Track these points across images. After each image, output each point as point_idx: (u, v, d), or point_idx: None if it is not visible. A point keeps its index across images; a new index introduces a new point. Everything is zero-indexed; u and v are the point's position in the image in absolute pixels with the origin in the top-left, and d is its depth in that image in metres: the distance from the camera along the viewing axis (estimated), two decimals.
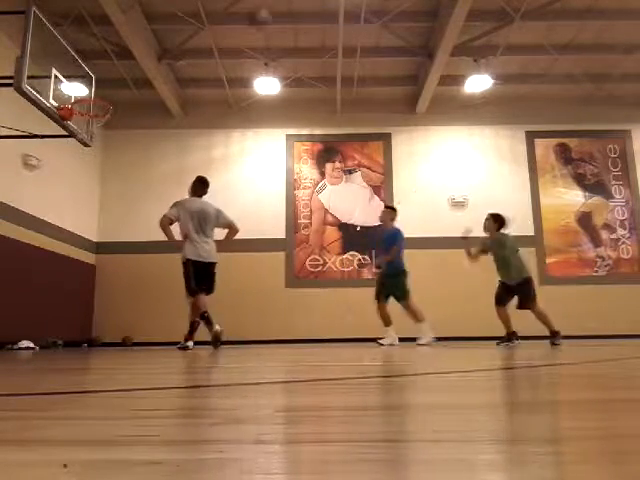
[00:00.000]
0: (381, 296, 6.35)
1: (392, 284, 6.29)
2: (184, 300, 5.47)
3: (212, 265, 5.46)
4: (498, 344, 5.67)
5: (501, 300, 5.85)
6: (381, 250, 6.55)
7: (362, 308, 8.62)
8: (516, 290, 5.76)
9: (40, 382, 1.83)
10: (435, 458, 0.62)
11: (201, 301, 5.24)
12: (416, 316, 6.27)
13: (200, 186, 5.77)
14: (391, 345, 6.03)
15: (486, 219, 6.10)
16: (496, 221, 6.02)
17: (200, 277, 5.27)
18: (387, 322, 6.37)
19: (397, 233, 6.49)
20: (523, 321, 5.99)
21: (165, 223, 5.40)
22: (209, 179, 6.00)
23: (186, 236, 5.39)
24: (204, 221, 5.46)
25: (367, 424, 0.86)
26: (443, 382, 1.62)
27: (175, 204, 5.62)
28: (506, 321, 5.81)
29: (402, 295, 6.26)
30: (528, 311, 5.76)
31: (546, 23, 7.42)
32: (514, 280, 5.78)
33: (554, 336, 5.53)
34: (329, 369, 2.30)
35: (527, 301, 5.69)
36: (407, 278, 6.34)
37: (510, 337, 5.72)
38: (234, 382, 1.73)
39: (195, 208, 5.50)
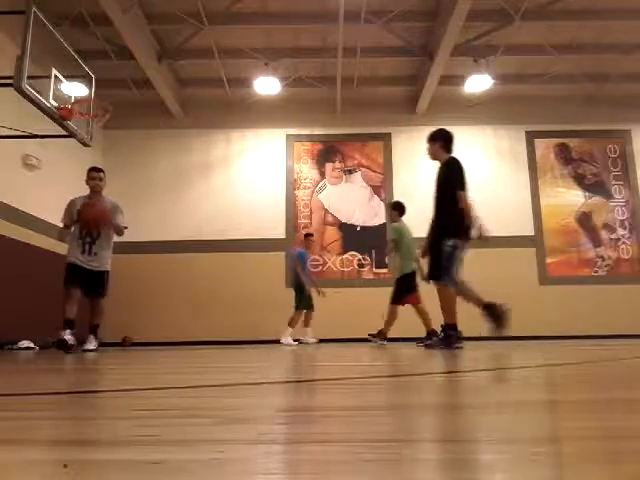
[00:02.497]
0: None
1: None
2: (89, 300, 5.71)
3: None
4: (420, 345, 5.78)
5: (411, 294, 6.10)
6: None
7: (362, 308, 8.62)
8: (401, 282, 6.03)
9: (40, 382, 1.83)
10: (435, 458, 0.62)
11: None
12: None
13: None
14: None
15: (387, 205, 6.49)
16: (395, 209, 6.30)
17: None
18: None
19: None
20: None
21: None
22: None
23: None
24: None
25: (367, 424, 0.86)
26: (442, 382, 1.62)
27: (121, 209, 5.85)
28: (425, 317, 6.17)
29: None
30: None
31: (546, 23, 7.43)
32: (402, 273, 6.05)
33: (430, 336, 5.72)
34: (329, 369, 2.30)
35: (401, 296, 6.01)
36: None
37: (430, 335, 5.98)
38: (234, 382, 1.73)
39: None
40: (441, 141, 4.84)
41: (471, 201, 4.62)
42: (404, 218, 6.39)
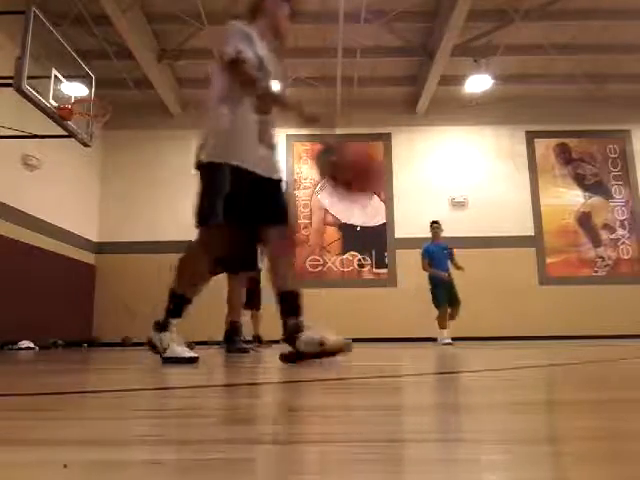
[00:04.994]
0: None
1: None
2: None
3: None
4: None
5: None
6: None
7: (362, 308, 8.62)
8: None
9: (40, 382, 1.83)
10: (435, 458, 0.62)
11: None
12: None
13: None
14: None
15: None
16: None
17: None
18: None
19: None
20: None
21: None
22: None
23: None
24: None
25: (367, 424, 0.86)
26: (443, 382, 1.62)
27: None
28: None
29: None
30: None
31: (546, 23, 7.43)
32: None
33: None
34: (329, 369, 2.30)
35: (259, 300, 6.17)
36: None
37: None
38: (234, 382, 1.73)
39: None
40: None
41: None
42: None
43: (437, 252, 6.58)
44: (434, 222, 6.82)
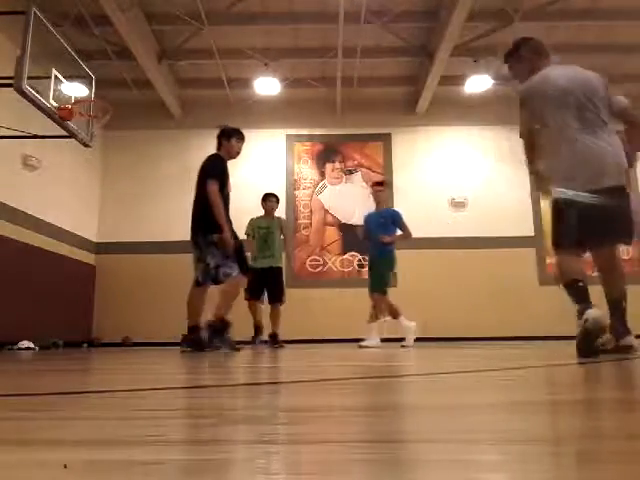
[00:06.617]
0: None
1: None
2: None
3: None
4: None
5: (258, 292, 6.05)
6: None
7: (361, 308, 8.61)
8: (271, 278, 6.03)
9: (40, 382, 1.83)
10: (435, 458, 0.62)
11: None
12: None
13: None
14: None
15: (276, 200, 6.40)
16: (278, 201, 6.47)
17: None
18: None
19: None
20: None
21: None
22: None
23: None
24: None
25: (367, 424, 0.86)
26: (443, 382, 1.62)
27: None
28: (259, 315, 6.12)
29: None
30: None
31: (546, 23, 7.43)
32: (277, 264, 6.11)
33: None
34: (329, 369, 2.30)
35: (281, 293, 6.03)
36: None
37: (256, 335, 6.08)
38: (234, 382, 1.73)
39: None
40: None
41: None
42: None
43: (373, 221, 5.71)
44: (377, 183, 5.98)
